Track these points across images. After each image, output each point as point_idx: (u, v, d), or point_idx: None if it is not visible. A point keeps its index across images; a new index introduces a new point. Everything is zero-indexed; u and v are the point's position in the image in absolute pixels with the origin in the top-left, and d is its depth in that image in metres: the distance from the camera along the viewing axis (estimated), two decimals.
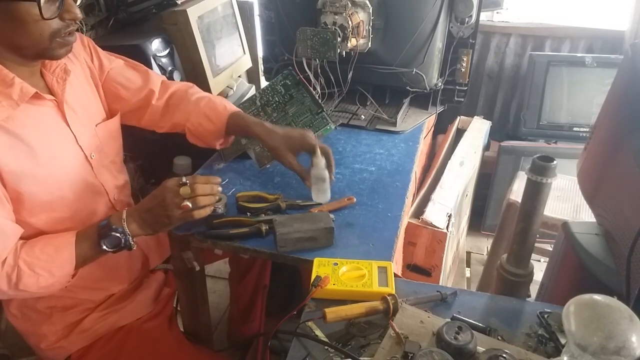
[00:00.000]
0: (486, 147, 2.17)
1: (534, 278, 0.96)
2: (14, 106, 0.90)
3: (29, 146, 0.93)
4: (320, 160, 1.10)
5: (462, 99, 1.67)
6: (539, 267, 1.10)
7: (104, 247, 0.94)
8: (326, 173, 1.11)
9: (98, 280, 1.11)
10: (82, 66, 1.11)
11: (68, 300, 1.08)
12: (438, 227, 1.44)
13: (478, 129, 2.01)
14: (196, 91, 1.26)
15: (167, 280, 1.27)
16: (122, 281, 1.17)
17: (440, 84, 1.63)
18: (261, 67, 1.88)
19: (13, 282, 0.89)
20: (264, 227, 1.05)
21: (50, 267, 0.92)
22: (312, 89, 1.39)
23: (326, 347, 0.78)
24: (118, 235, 0.94)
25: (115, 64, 1.18)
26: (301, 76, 1.39)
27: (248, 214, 1.11)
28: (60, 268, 0.93)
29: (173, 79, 1.63)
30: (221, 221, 1.06)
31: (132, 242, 0.96)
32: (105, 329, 1.11)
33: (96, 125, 1.11)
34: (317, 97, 1.36)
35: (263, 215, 1.11)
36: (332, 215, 1.07)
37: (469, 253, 2.33)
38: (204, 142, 1.24)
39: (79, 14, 0.91)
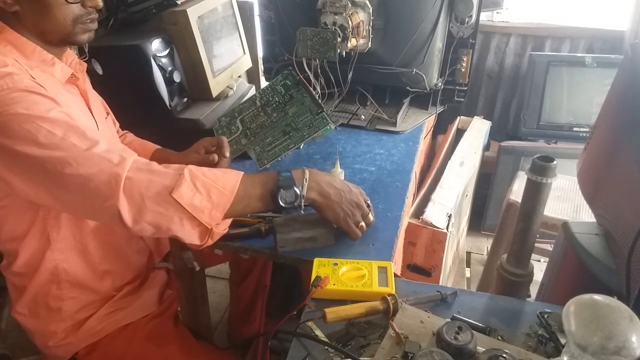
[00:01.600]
0: (486, 147, 2.17)
1: (534, 278, 0.96)
2: (58, 84, 0.96)
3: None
4: (340, 174, 1.07)
5: (462, 99, 1.67)
6: (539, 267, 1.11)
7: (279, 197, 0.92)
8: None
9: (105, 261, 1.10)
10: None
11: (76, 293, 1.08)
12: (438, 227, 1.44)
13: (478, 129, 2.02)
14: (133, 137, 1.33)
15: (170, 282, 1.27)
16: (129, 271, 1.17)
17: (440, 84, 1.63)
18: (261, 67, 1.88)
19: (169, 189, 0.85)
20: (263, 227, 1.05)
21: (211, 188, 0.88)
22: (312, 89, 1.39)
23: (326, 347, 0.78)
24: (297, 191, 0.92)
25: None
26: (301, 76, 1.39)
27: (248, 215, 1.11)
28: (221, 193, 0.89)
29: (173, 79, 1.64)
30: None
31: (302, 205, 0.94)
32: (112, 326, 1.11)
33: (105, 118, 1.16)
34: (317, 97, 1.36)
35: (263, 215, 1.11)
36: None
37: (469, 253, 2.33)
38: None
39: (100, 2, 0.97)
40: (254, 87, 2.10)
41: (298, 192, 0.93)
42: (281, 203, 0.92)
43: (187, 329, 1.25)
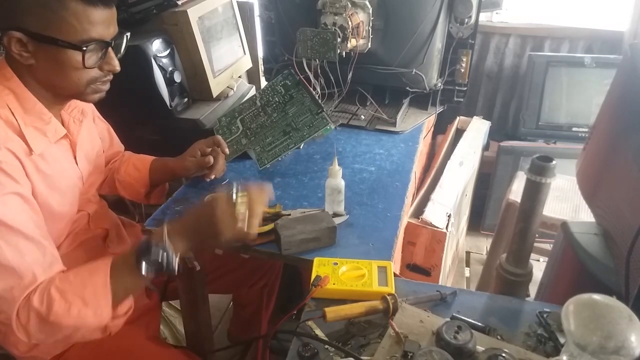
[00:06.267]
0: (485, 147, 2.17)
1: (533, 278, 0.96)
2: (47, 144, 0.96)
3: (52, 181, 0.97)
4: (338, 171, 1.07)
5: (462, 99, 1.68)
6: (538, 267, 1.11)
7: (143, 266, 0.86)
8: (343, 184, 1.08)
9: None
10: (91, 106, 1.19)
11: None
12: (437, 227, 1.44)
13: (477, 129, 2.02)
14: (130, 154, 1.32)
15: (150, 293, 1.25)
16: None
17: (439, 84, 1.63)
18: (261, 67, 1.88)
19: (44, 314, 0.84)
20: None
21: (83, 292, 0.86)
22: (312, 89, 1.39)
23: (326, 346, 0.78)
24: (160, 250, 0.86)
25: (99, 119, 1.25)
26: (301, 76, 1.39)
27: None
28: (94, 295, 0.86)
29: (174, 80, 1.64)
30: None
31: (175, 263, 0.87)
32: None
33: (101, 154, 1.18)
34: (317, 98, 1.36)
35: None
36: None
37: (468, 253, 2.33)
38: (131, 191, 1.27)
39: (117, 66, 0.96)
40: (254, 87, 2.10)
41: (161, 250, 0.86)
42: (146, 273, 0.86)
43: (160, 340, 1.22)
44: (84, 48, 0.88)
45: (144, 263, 0.86)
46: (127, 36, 1.00)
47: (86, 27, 0.87)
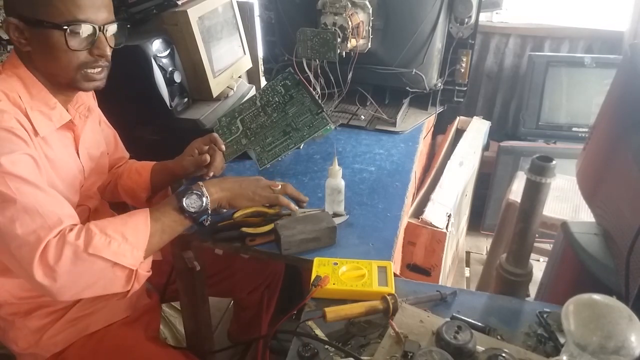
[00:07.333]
0: (485, 147, 2.17)
1: (533, 278, 0.96)
2: (51, 128, 0.98)
3: (55, 165, 0.98)
4: (338, 171, 1.07)
5: (462, 99, 1.68)
6: (538, 267, 1.10)
7: (185, 204, 0.93)
8: (343, 184, 1.09)
9: None
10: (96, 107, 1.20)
11: (25, 305, 1.05)
12: (437, 227, 1.44)
13: (477, 129, 2.02)
14: (133, 162, 1.33)
15: (150, 292, 1.25)
16: None
17: (439, 84, 1.63)
18: (261, 67, 1.88)
19: (81, 247, 0.83)
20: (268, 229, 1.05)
21: (124, 229, 0.88)
22: (312, 90, 1.39)
23: (326, 347, 0.78)
24: (198, 193, 0.95)
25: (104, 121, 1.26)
26: (301, 76, 1.39)
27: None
28: (134, 231, 0.89)
29: (174, 80, 1.64)
30: (225, 224, 1.06)
31: (209, 207, 0.96)
32: (77, 334, 1.08)
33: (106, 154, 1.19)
34: (317, 98, 1.36)
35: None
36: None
37: (468, 253, 2.33)
38: (132, 195, 1.27)
39: (107, 52, 0.97)
40: (254, 87, 2.10)
41: (199, 194, 0.95)
42: (189, 209, 0.94)
43: (160, 340, 1.22)
44: (65, 27, 0.90)
45: (184, 200, 0.93)
46: (126, 25, 1.02)
47: (71, 9, 0.90)
